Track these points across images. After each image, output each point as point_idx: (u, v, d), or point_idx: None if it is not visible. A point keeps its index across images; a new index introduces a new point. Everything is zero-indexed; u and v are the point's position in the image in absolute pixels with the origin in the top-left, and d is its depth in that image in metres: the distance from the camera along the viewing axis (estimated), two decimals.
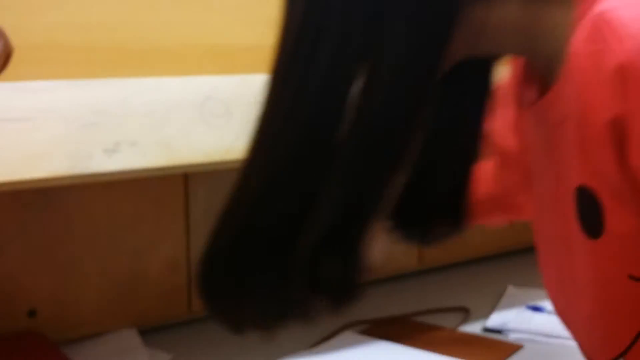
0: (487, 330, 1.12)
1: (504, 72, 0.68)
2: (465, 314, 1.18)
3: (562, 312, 0.68)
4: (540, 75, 0.60)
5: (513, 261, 1.42)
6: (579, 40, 0.51)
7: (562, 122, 0.56)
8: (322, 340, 1.07)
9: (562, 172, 0.58)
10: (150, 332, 1.09)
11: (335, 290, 0.56)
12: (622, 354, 0.58)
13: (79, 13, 0.76)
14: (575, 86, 0.52)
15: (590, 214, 0.55)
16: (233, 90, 0.81)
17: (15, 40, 0.65)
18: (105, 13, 0.77)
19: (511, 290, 1.26)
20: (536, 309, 1.17)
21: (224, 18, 0.83)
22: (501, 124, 0.73)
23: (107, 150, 0.74)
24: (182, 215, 1.11)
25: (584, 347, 0.65)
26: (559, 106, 0.56)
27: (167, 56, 0.80)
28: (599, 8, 0.50)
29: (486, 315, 1.16)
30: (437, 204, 0.70)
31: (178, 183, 1.09)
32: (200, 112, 0.79)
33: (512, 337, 1.09)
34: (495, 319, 1.14)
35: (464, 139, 0.67)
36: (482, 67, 0.65)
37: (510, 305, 1.20)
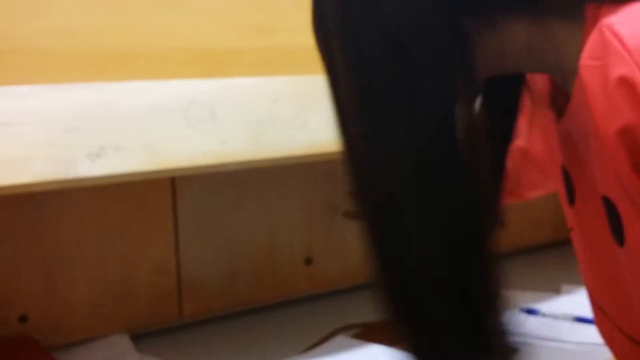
0: None
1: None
2: None
3: (603, 302, 0.69)
4: (564, 91, 0.61)
5: (506, 264, 1.41)
6: (585, 56, 0.52)
7: (586, 137, 0.57)
8: (314, 345, 1.07)
9: (593, 184, 0.59)
10: (141, 337, 1.09)
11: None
12: None
13: (61, 18, 0.75)
14: (586, 101, 0.53)
15: (614, 223, 0.57)
16: (217, 94, 0.81)
17: None
18: (88, 18, 0.77)
19: (505, 293, 1.25)
20: (531, 311, 1.17)
21: (207, 21, 0.83)
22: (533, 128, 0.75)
23: (92, 155, 0.74)
24: (170, 219, 1.10)
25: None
26: (579, 122, 0.57)
27: (150, 60, 0.80)
28: (600, 23, 0.51)
29: None
30: None
31: (165, 186, 1.09)
32: (184, 116, 0.79)
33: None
34: None
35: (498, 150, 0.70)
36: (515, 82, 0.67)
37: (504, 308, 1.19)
